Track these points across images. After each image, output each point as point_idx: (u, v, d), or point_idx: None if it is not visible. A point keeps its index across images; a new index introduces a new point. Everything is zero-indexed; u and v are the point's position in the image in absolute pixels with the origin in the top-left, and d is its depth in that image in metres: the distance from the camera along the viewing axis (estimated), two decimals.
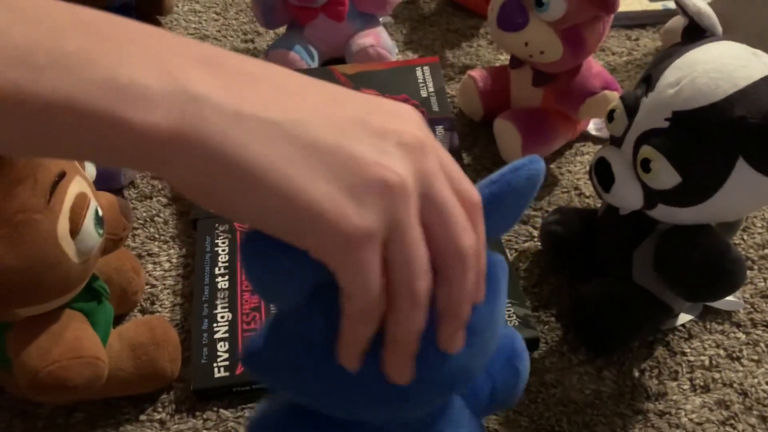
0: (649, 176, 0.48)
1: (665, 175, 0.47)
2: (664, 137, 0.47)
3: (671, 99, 0.47)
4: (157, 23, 0.85)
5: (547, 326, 0.59)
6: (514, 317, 0.57)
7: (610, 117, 0.51)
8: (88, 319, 0.48)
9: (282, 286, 0.32)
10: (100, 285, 0.50)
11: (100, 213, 0.45)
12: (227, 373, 0.53)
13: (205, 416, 0.53)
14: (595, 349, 0.57)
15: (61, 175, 0.42)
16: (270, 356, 0.35)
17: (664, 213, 0.50)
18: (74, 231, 0.42)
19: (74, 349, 0.45)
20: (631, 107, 0.49)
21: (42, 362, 0.44)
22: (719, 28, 0.50)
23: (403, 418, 0.40)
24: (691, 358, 0.57)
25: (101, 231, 0.45)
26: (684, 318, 0.58)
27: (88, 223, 0.43)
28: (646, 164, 0.48)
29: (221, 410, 0.53)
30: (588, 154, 0.75)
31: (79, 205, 0.43)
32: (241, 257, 0.30)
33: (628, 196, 0.50)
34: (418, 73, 0.77)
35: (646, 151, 0.47)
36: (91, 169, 0.48)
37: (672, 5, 0.93)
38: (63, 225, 0.42)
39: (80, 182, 0.44)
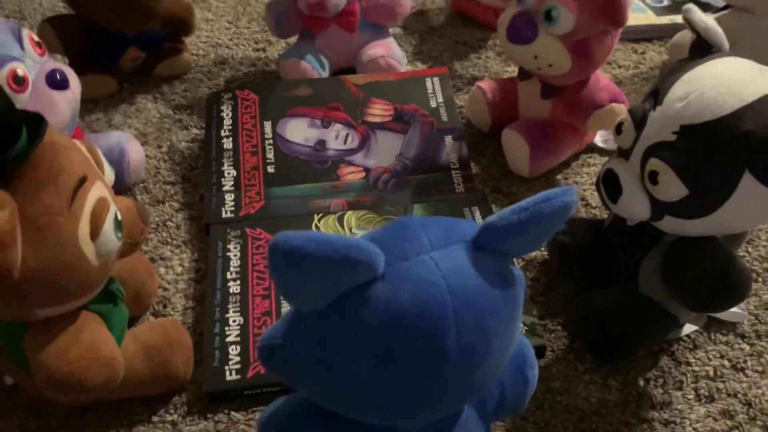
0: (657, 188, 0.49)
1: (672, 188, 0.48)
2: (671, 150, 0.48)
3: (679, 113, 0.48)
4: (179, 40, 0.86)
5: (553, 335, 0.60)
6: (521, 325, 0.58)
7: (618, 130, 0.52)
8: (104, 320, 0.49)
9: (309, 293, 0.33)
10: (116, 287, 0.51)
11: (119, 217, 0.46)
12: (239, 376, 0.54)
13: (216, 418, 0.54)
14: (601, 357, 0.58)
15: (83, 180, 0.43)
16: (285, 349, 0.36)
17: (670, 224, 0.51)
18: (94, 234, 0.43)
19: (91, 349, 0.46)
20: (639, 120, 0.50)
21: (60, 362, 0.45)
22: (726, 44, 0.51)
23: (415, 424, 0.41)
24: (696, 368, 0.57)
25: (120, 234, 0.46)
26: (689, 329, 0.59)
27: (108, 226, 0.44)
28: (653, 176, 0.48)
29: (232, 413, 0.54)
30: (595, 165, 0.76)
31: (100, 209, 0.44)
32: (273, 266, 0.31)
33: (635, 207, 0.51)
34: (428, 83, 0.79)
35: (654, 163, 0.48)
36: (110, 174, 0.49)
37: (679, 19, 0.94)
38: (84, 228, 0.43)
39: (100, 187, 0.45)
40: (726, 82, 0.47)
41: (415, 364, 0.34)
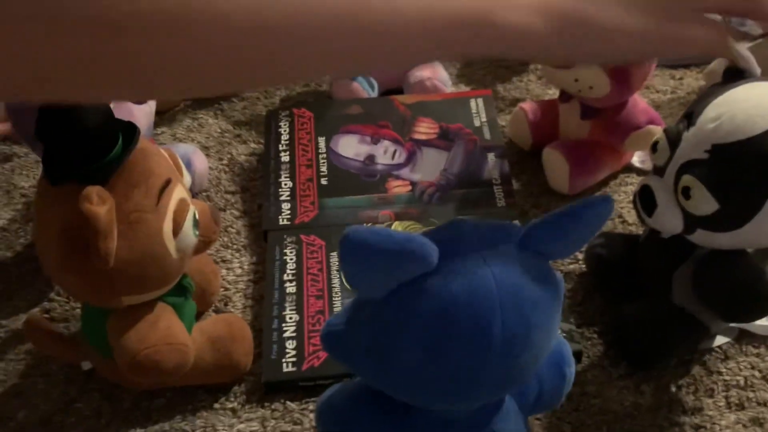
0: (689, 203, 0.52)
1: (704, 202, 0.51)
2: (704, 167, 0.51)
3: (711, 133, 0.51)
4: None
5: (589, 342, 0.63)
6: (559, 331, 0.62)
7: (653, 148, 0.56)
8: (176, 312, 0.54)
9: (372, 281, 0.38)
10: (188, 282, 0.56)
11: (197, 217, 0.51)
12: (294, 369, 0.58)
13: (273, 407, 0.58)
14: (635, 364, 0.61)
15: (168, 182, 0.49)
16: (346, 334, 0.41)
17: (702, 237, 0.54)
18: (176, 230, 0.49)
19: (167, 336, 0.51)
20: (673, 140, 0.54)
21: (140, 346, 0.50)
22: (758, 70, 0.54)
23: (461, 408, 0.45)
24: (727, 378, 0.60)
25: (197, 232, 0.51)
26: (720, 340, 0.62)
27: (187, 224, 0.50)
28: (686, 192, 0.52)
29: (288, 402, 0.58)
30: (632, 184, 0.79)
31: (181, 209, 0.49)
32: (342, 256, 0.36)
33: (669, 220, 0.54)
34: (472, 104, 0.83)
35: (687, 179, 0.52)
36: (187, 178, 0.54)
37: None
38: (168, 225, 0.48)
39: (181, 189, 0.51)
40: (756, 104, 0.50)
41: (463, 351, 0.38)
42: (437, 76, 0.88)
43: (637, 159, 0.82)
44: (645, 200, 0.56)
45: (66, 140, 0.44)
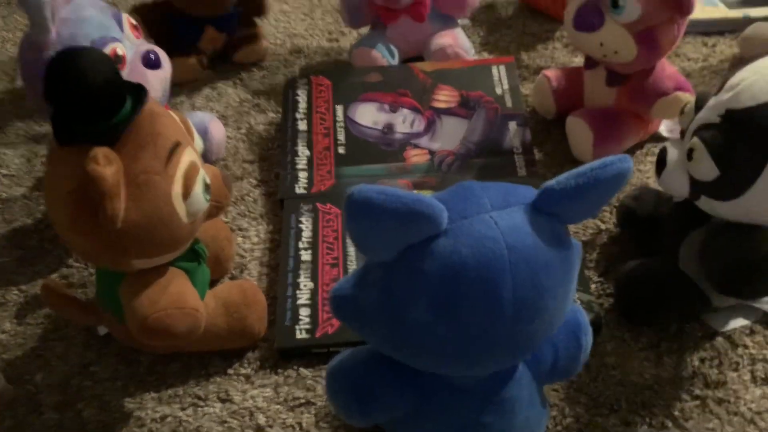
0: (691, 165, 0.51)
1: (704, 166, 0.50)
2: (711, 131, 0.50)
3: (728, 98, 0.49)
4: (254, 24, 0.92)
5: (610, 314, 0.61)
6: (579, 302, 0.60)
7: (681, 110, 0.54)
8: (189, 277, 0.54)
9: (379, 243, 0.37)
10: (201, 248, 0.55)
11: (208, 181, 0.51)
12: (308, 336, 0.58)
13: (286, 373, 0.58)
14: (628, 319, 0.60)
15: (177, 144, 0.48)
16: (355, 297, 0.40)
17: (706, 205, 0.53)
18: (186, 194, 0.48)
19: (178, 300, 0.51)
20: (700, 105, 0.52)
21: (151, 310, 0.49)
22: None
23: (473, 375, 0.44)
24: (753, 352, 0.58)
25: (208, 197, 0.51)
26: (739, 322, 0.59)
27: (197, 188, 0.49)
28: (690, 153, 0.51)
29: (301, 369, 0.58)
30: None
31: (191, 172, 0.49)
32: (348, 215, 0.35)
33: (674, 182, 0.54)
34: (494, 71, 0.81)
35: (693, 141, 0.51)
36: (199, 143, 0.54)
37: (752, 13, 0.94)
38: (177, 188, 0.48)
39: (191, 153, 0.50)
40: None
41: (472, 313, 0.37)
42: (458, 43, 0.86)
43: (665, 128, 0.79)
44: (659, 161, 0.55)
45: (73, 101, 0.44)
